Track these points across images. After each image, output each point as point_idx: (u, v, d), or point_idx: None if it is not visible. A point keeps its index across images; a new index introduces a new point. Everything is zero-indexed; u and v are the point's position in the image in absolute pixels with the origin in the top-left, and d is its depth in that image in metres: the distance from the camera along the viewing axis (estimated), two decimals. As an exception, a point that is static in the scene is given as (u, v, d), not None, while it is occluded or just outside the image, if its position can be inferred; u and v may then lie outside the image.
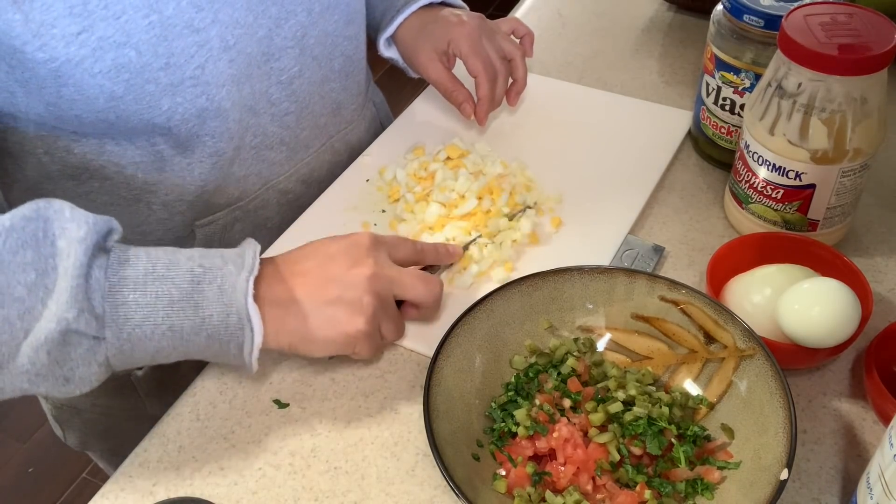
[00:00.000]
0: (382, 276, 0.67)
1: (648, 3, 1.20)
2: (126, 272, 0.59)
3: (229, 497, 0.66)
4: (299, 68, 0.81)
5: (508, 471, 0.64)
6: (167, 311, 0.60)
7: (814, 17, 0.73)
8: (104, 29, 0.64)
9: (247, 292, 0.61)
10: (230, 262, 0.62)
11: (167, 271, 0.60)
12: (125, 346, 0.60)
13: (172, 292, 0.60)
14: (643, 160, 0.92)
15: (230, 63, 0.73)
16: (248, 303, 0.61)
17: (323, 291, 0.65)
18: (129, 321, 0.59)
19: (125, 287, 0.59)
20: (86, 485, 1.87)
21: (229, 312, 0.61)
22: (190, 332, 0.61)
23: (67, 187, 0.75)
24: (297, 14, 0.78)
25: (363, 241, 0.68)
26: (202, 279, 0.61)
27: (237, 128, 0.77)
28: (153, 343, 0.60)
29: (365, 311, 0.66)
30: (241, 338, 0.62)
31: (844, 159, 0.73)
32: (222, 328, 0.61)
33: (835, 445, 0.67)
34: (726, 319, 0.67)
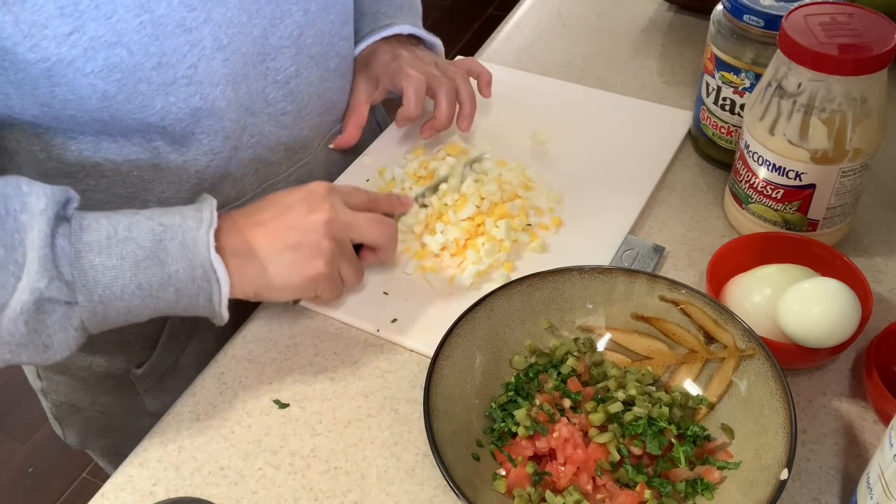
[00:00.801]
0: (339, 220, 0.70)
1: (648, 3, 1.20)
2: (89, 237, 0.62)
3: (229, 497, 0.66)
4: (296, 68, 0.81)
5: (508, 471, 0.64)
6: (134, 271, 0.63)
7: (814, 17, 0.73)
8: (95, 29, 0.64)
9: (208, 245, 0.64)
10: (189, 218, 0.65)
11: (129, 233, 0.63)
12: (97, 308, 0.63)
13: (137, 252, 0.63)
14: (643, 160, 0.92)
15: (224, 62, 0.73)
16: (210, 255, 0.64)
17: (282, 238, 0.68)
18: (98, 284, 0.62)
19: (91, 252, 0.62)
20: (86, 485, 1.87)
21: (194, 266, 0.64)
22: (158, 288, 0.64)
23: (63, 184, 0.75)
24: (294, 14, 0.78)
25: (318, 189, 0.71)
26: (163, 237, 0.64)
27: (233, 127, 0.77)
28: (124, 302, 0.63)
29: (324, 254, 0.69)
30: (209, 289, 0.65)
31: (844, 159, 0.73)
32: (189, 282, 0.64)
33: (835, 445, 0.67)
34: (726, 319, 0.67)
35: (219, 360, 0.76)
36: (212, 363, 0.76)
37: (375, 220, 0.74)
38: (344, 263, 0.72)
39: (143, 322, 0.86)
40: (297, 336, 0.78)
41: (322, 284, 0.71)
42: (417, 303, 0.78)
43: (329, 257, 0.69)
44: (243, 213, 0.70)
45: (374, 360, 0.75)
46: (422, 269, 0.81)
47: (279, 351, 0.76)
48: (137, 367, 0.90)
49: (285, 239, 0.68)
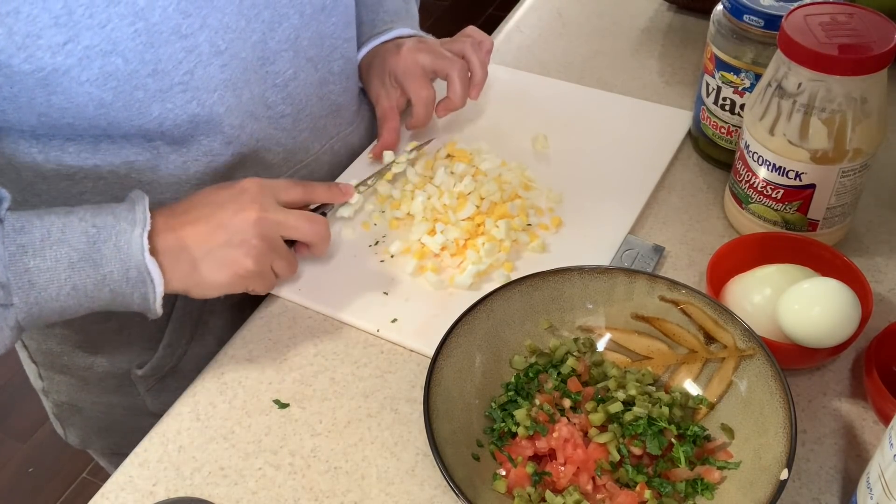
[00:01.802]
0: (268, 219, 0.71)
1: (648, 3, 1.20)
2: (23, 240, 0.63)
3: (229, 497, 0.66)
4: (294, 71, 0.81)
5: (508, 471, 0.64)
6: (68, 273, 0.64)
7: (814, 17, 0.73)
8: (90, 38, 0.64)
9: (143, 248, 0.65)
10: (122, 220, 0.66)
11: (62, 234, 0.64)
12: (33, 310, 0.64)
13: (71, 254, 0.64)
14: (643, 160, 0.92)
15: (222, 68, 0.73)
16: (145, 258, 0.65)
17: (211, 237, 0.69)
18: (34, 286, 0.63)
19: (25, 255, 0.62)
20: (86, 485, 1.87)
21: (128, 267, 0.65)
22: (93, 289, 0.65)
23: (62, 187, 0.76)
24: (290, 17, 0.78)
25: (249, 187, 0.72)
26: (97, 238, 0.64)
27: (234, 132, 0.77)
28: (59, 303, 0.64)
29: (252, 253, 0.70)
30: (144, 289, 0.66)
31: (844, 159, 0.73)
32: (123, 282, 0.65)
33: (835, 445, 0.67)
34: (726, 319, 0.67)
35: (219, 360, 0.76)
36: (212, 363, 0.76)
37: (305, 217, 0.74)
38: (276, 260, 0.73)
39: (146, 323, 0.87)
40: (297, 336, 0.78)
41: (252, 281, 0.72)
42: (417, 303, 0.78)
43: (257, 255, 0.70)
44: (173, 212, 0.70)
45: (374, 360, 0.75)
46: (422, 269, 0.81)
47: (279, 351, 0.76)
48: (139, 368, 0.90)
49: (215, 238, 0.69)
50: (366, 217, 0.87)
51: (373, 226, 0.86)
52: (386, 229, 0.86)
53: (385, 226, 0.86)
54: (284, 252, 0.74)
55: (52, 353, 0.91)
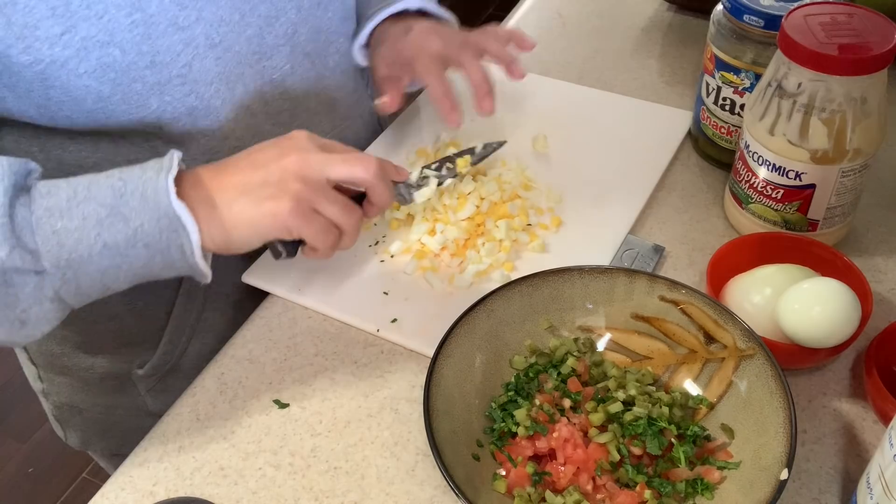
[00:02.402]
0: (310, 159, 0.66)
1: (648, 3, 1.20)
2: (49, 203, 0.60)
3: (229, 497, 0.66)
4: (291, 66, 0.81)
5: (508, 471, 0.64)
6: (98, 230, 0.60)
7: (814, 17, 0.73)
8: (87, 29, 0.64)
9: (168, 191, 0.61)
10: (149, 170, 0.62)
11: (88, 192, 0.61)
12: (68, 274, 0.60)
13: (99, 210, 0.60)
14: (643, 160, 0.92)
15: (217, 61, 0.73)
16: (172, 201, 0.61)
17: (248, 178, 0.65)
18: (63, 248, 0.60)
19: (52, 217, 0.60)
20: (86, 485, 1.87)
21: (159, 217, 0.61)
22: (125, 245, 0.61)
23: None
24: (287, 12, 0.78)
25: (297, 135, 0.68)
26: (124, 191, 0.61)
27: (232, 126, 0.77)
28: (93, 265, 0.61)
29: (290, 190, 0.64)
30: (179, 239, 0.62)
31: (844, 159, 0.73)
32: (156, 234, 0.61)
33: (835, 445, 0.67)
34: (726, 319, 0.67)
35: (219, 360, 0.76)
36: (212, 363, 0.76)
37: (355, 156, 0.68)
38: (323, 203, 0.66)
39: (146, 323, 0.87)
40: (297, 336, 0.78)
41: (292, 221, 0.65)
42: (417, 303, 0.78)
43: (296, 193, 0.65)
44: (212, 166, 0.67)
45: (374, 360, 0.75)
46: (422, 269, 0.81)
47: (279, 351, 0.76)
48: (139, 368, 0.90)
49: (252, 178, 0.65)
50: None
51: (373, 226, 0.86)
52: (386, 229, 0.86)
53: (385, 226, 0.86)
54: (334, 196, 0.67)
55: (52, 354, 0.91)
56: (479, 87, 0.82)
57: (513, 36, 0.88)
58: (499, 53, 0.85)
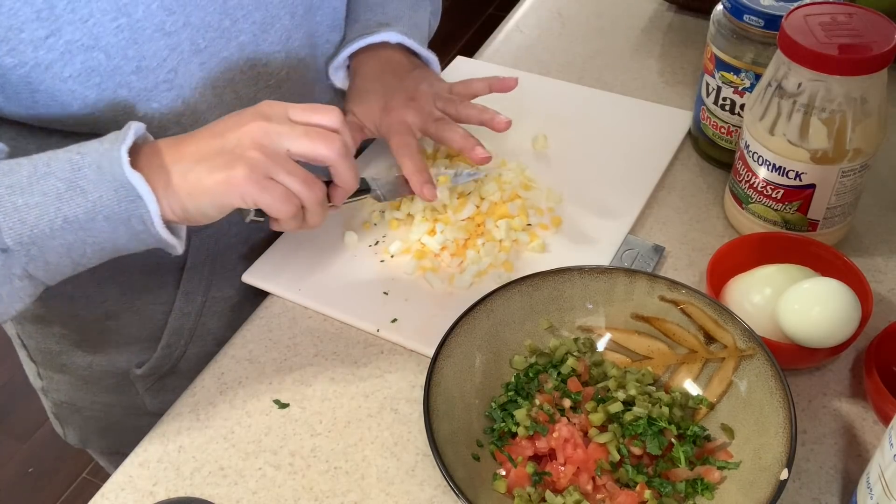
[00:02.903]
0: (270, 129, 0.64)
1: (648, 3, 1.20)
2: (11, 180, 0.60)
3: (229, 497, 0.66)
4: (287, 72, 0.81)
5: (508, 471, 0.64)
6: (57, 205, 0.60)
7: (814, 17, 0.73)
8: (71, 33, 0.64)
9: (121, 161, 0.60)
10: (106, 141, 0.61)
11: (48, 168, 0.61)
12: (32, 251, 0.60)
13: (58, 185, 0.60)
14: (643, 160, 0.92)
15: (201, 66, 0.73)
16: (125, 171, 0.60)
17: (205, 146, 0.64)
18: (25, 224, 0.59)
19: (13, 194, 0.59)
20: (86, 485, 1.87)
21: (116, 188, 0.60)
22: (85, 219, 0.61)
23: None
24: (282, 18, 0.78)
25: (260, 104, 0.66)
26: (81, 164, 0.61)
27: None
28: (57, 240, 0.61)
29: (245, 157, 0.63)
30: (138, 210, 0.61)
31: (844, 159, 0.73)
32: (115, 205, 0.61)
33: (835, 445, 0.67)
34: (726, 319, 0.67)
35: (219, 360, 0.76)
36: (212, 363, 0.76)
37: (318, 131, 0.65)
38: (281, 172, 0.64)
39: (145, 322, 0.87)
40: (297, 336, 0.78)
41: (249, 190, 0.63)
42: (417, 303, 0.78)
43: (251, 161, 0.62)
44: (171, 138, 0.65)
45: (374, 360, 0.75)
46: (422, 269, 0.81)
47: (279, 351, 0.76)
48: (137, 368, 0.90)
49: (209, 145, 0.64)
50: (366, 217, 0.87)
51: (373, 226, 0.86)
52: (386, 229, 0.86)
53: (385, 226, 0.86)
54: (293, 168, 0.65)
55: (51, 352, 0.91)
56: (465, 147, 0.81)
57: (492, 85, 0.87)
58: (479, 119, 0.84)
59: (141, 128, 0.64)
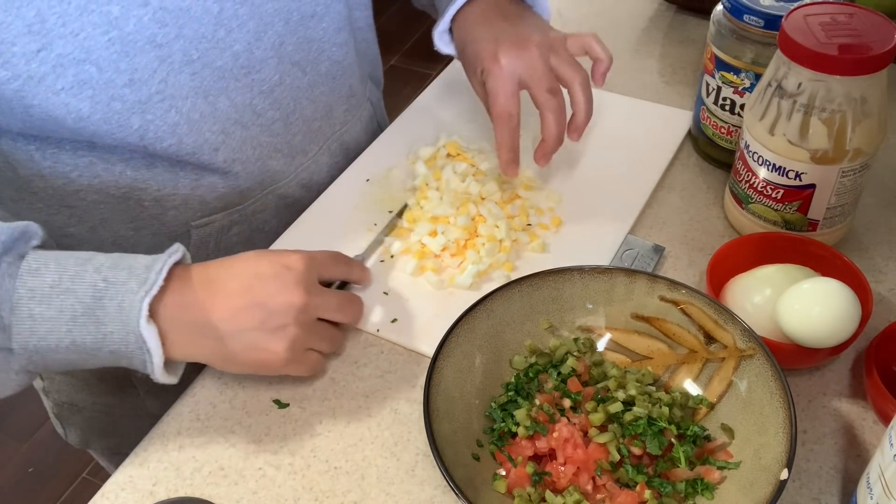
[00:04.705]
0: (310, 304, 0.66)
1: (648, 2, 1.20)
2: (33, 283, 0.60)
3: (229, 497, 0.66)
4: (279, 76, 0.81)
5: (508, 471, 0.64)
6: (70, 326, 0.60)
7: (814, 17, 0.73)
8: (63, 46, 0.64)
9: (140, 314, 0.60)
10: (134, 278, 0.61)
11: (72, 284, 0.60)
12: (34, 357, 0.61)
13: (76, 306, 0.60)
14: (643, 160, 0.92)
15: (193, 76, 0.73)
16: (140, 325, 0.60)
17: (245, 316, 0.64)
18: (34, 334, 0.60)
19: (32, 300, 0.59)
20: (86, 485, 1.87)
21: (128, 331, 0.60)
22: (92, 347, 0.61)
23: (58, 185, 0.76)
24: (275, 25, 0.78)
25: (296, 265, 0.66)
26: (104, 294, 0.60)
27: (222, 139, 0.77)
28: (60, 355, 0.61)
29: (287, 338, 0.65)
30: (143, 356, 0.62)
31: (844, 159, 0.73)
32: (123, 346, 0.61)
33: (835, 445, 0.67)
34: (726, 319, 0.67)
35: (219, 360, 0.76)
36: (212, 363, 0.76)
37: (347, 299, 0.71)
38: (315, 341, 0.69)
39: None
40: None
41: (287, 367, 0.67)
42: (417, 303, 0.78)
43: (293, 342, 0.66)
44: (207, 278, 0.65)
45: (374, 360, 0.75)
46: (422, 269, 0.81)
47: (279, 351, 0.76)
48: (138, 369, 0.90)
49: (249, 318, 0.64)
50: (368, 216, 0.87)
51: (373, 225, 0.86)
52: (386, 230, 0.85)
53: (385, 226, 0.86)
54: (324, 332, 0.69)
55: (52, 353, 0.91)
56: (546, 141, 0.80)
57: (598, 61, 0.82)
58: (577, 107, 0.80)
59: (179, 257, 0.64)
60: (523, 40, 0.79)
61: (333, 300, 0.69)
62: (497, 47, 0.78)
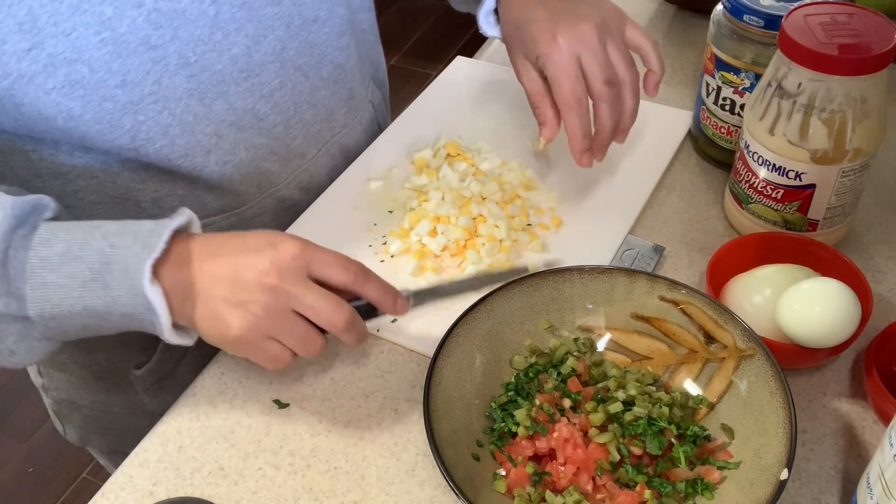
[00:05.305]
0: (282, 290, 0.62)
1: (648, 3, 1.20)
2: (44, 253, 0.61)
3: (229, 497, 0.66)
4: (280, 80, 0.80)
5: (508, 471, 0.64)
6: (80, 292, 0.61)
7: (814, 17, 0.73)
8: (54, 46, 0.64)
9: (144, 275, 0.61)
10: (139, 242, 0.62)
11: (80, 251, 0.61)
12: (51, 324, 0.62)
13: (85, 273, 0.61)
14: (643, 160, 0.92)
15: (189, 79, 0.72)
16: (144, 286, 0.61)
17: (216, 284, 0.63)
18: (48, 302, 0.61)
19: (44, 269, 0.61)
20: (86, 485, 1.87)
21: (135, 293, 0.61)
22: (103, 311, 0.62)
23: (55, 185, 0.76)
24: (276, 29, 0.77)
25: (287, 247, 0.63)
26: (111, 259, 0.61)
27: (214, 142, 0.77)
28: (75, 320, 0.62)
29: (244, 318, 0.62)
30: (151, 317, 0.62)
31: (844, 159, 0.73)
32: (131, 307, 0.62)
33: (835, 445, 0.67)
34: (726, 319, 0.67)
35: (219, 360, 0.76)
36: (212, 363, 0.76)
37: (330, 300, 0.63)
38: (279, 334, 0.63)
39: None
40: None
41: (242, 348, 0.64)
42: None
43: (250, 324, 0.62)
44: (209, 242, 0.64)
45: (374, 360, 0.75)
46: (422, 269, 0.81)
47: (279, 351, 0.76)
48: (137, 368, 0.90)
49: (219, 286, 0.62)
50: (369, 216, 0.87)
51: (373, 225, 0.86)
52: (386, 230, 0.85)
53: (385, 226, 0.86)
54: (297, 329, 0.63)
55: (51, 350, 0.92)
56: (600, 133, 0.77)
57: (651, 67, 0.81)
58: (624, 111, 0.78)
59: (181, 222, 0.64)
60: (582, 20, 0.75)
61: (313, 296, 0.63)
62: (555, 28, 0.75)
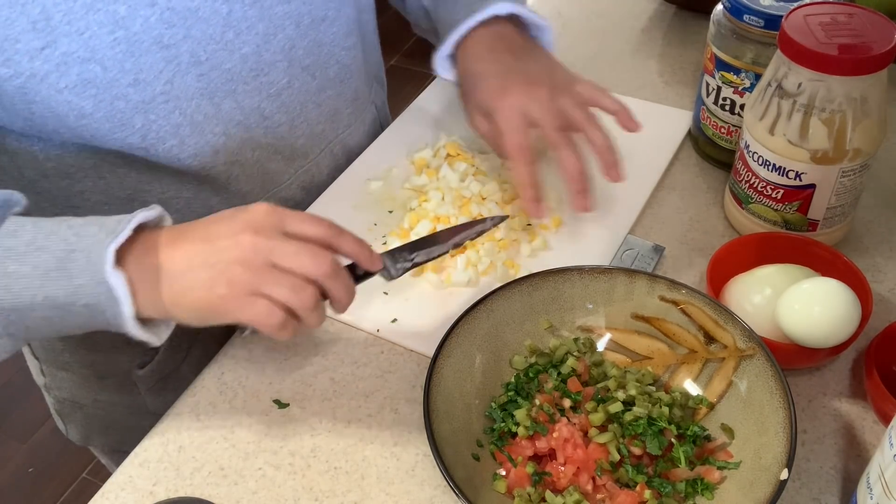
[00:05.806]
0: (259, 243, 0.60)
1: (648, 3, 1.20)
2: (10, 243, 0.60)
3: (229, 497, 0.66)
4: (288, 80, 0.80)
5: (508, 471, 0.64)
6: (42, 282, 0.59)
7: (814, 17, 0.73)
8: (67, 44, 0.64)
9: (106, 261, 0.59)
10: (103, 230, 0.60)
11: (46, 241, 0.60)
12: (12, 317, 0.60)
13: (48, 262, 0.59)
14: (643, 160, 0.92)
15: (200, 77, 0.72)
16: (107, 270, 0.59)
17: (192, 255, 0.61)
18: (9, 291, 0.59)
19: (9, 258, 0.59)
20: (86, 485, 1.87)
21: (98, 281, 0.59)
22: (65, 301, 0.60)
23: (62, 186, 0.76)
24: (286, 28, 0.77)
25: (256, 208, 0.62)
26: (75, 247, 0.60)
27: (222, 142, 0.77)
28: (36, 313, 0.60)
29: (227, 274, 0.60)
30: (115, 307, 0.60)
31: (844, 159, 0.73)
32: (94, 297, 0.60)
33: (835, 445, 0.67)
34: (726, 319, 0.67)
35: (219, 360, 0.77)
36: (212, 363, 0.76)
37: (307, 249, 0.61)
38: (268, 285, 0.60)
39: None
40: (297, 336, 0.77)
41: (234, 307, 0.61)
42: (417, 303, 0.78)
43: (232, 278, 0.60)
44: (174, 230, 0.63)
45: (374, 360, 0.75)
46: (422, 268, 0.81)
47: (279, 351, 0.76)
48: (140, 368, 0.90)
49: (195, 255, 0.61)
50: (369, 216, 0.87)
51: (373, 226, 0.86)
52: (386, 230, 0.85)
53: (385, 226, 0.86)
54: (277, 276, 0.61)
55: (54, 349, 0.92)
56: (570, 181, 0.75)
57: (619, 115, 0.80)
58: (599, 149, 0.77)
59: (150, 215, 0.62)
60: (532, 80, 0.77)
61: (293, 245, 0.61)
62: (505, 85, 0.77)
